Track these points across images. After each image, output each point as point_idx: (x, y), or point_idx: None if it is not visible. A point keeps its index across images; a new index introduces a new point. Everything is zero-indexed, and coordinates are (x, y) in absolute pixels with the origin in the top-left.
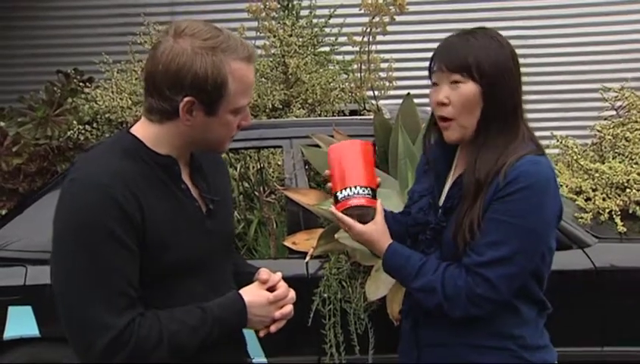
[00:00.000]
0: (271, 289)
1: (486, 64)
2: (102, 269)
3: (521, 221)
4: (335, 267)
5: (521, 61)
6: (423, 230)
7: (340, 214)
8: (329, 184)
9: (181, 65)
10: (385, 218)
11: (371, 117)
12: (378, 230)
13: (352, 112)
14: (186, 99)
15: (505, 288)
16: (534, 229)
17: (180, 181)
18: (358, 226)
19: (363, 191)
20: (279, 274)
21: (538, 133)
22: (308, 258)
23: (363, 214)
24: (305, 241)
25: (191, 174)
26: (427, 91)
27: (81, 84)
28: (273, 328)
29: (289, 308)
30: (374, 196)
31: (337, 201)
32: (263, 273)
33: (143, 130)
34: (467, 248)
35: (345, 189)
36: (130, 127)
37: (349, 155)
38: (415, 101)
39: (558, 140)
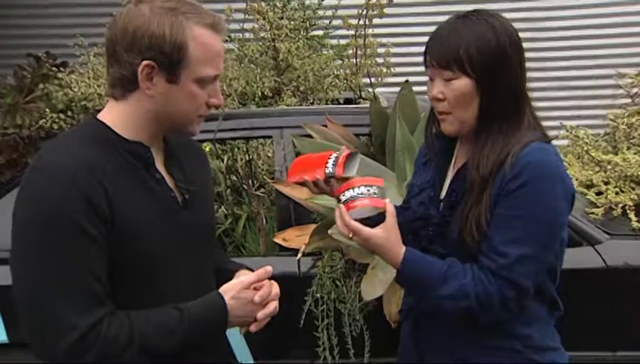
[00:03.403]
0: (256, 286)
1: (478, 56)
2: (67, 264)
3: (535, 214)
4: (329, 265)
5: (528, 45)
6: (425, 226)
7: (347, 217)
8: (306, 178)
9: (138, 26)
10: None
11: (367, 105)
12: (388, 235)
13: (347, 100)
14: (144, 63)
15: (532, 287)
16: (549, 220)
17: (154, 169)
18: (365, 230)
19: (368, 190)
20: (268, 268)
21: (545, 123)
22: (299, 255)
23: (370, 214)
24: (296, 237)
25: (165, 162)
26: (427, 78)
27: (54, 69)
28: (253, 328)
29: (272, 306)
30: (381, 196)
31: (338, 204)
32: (245, 275)
33: (109, 114)
34: (481, 247)
35: (347, 190)
36: (97, 113)
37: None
38: (414, 88)
39: (568, 130)
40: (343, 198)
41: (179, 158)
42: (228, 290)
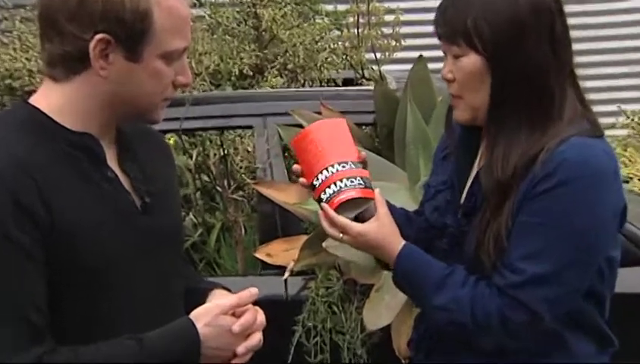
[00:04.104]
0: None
1: (489, 28)
2: None
3: (566, 224)
4: (323, 286)
5: (574, 9)
6: (439, 236)
7: (332, 212)
8: (302, 179)
9: None
10: (392, 214)
11: (371, 87)
12: (383, 228)
13: (347, 81)
14: (97, 37)
15: (548, 315)
16: (584, 233)
17: (105, 167)
18: (355, 225)
19: (352, 182)
20: (253, 291)
21: (599, 108)
22: (287, 274)
23: (359, 209)
24: (283, 252)
25: (120, 158)
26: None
27: None
28: None
29: (257, 338)
30: (368, 186)
31: (320, 204)
32: (223, 297)
33: (46, 98)
34: (497, 264)
35: (328, 186)
36: (29, 96)
37: (323, 138)
38: (431, 66)
39: (628, 117)
40: (325, 196)
41: (136, 153)
42: (201, 316)
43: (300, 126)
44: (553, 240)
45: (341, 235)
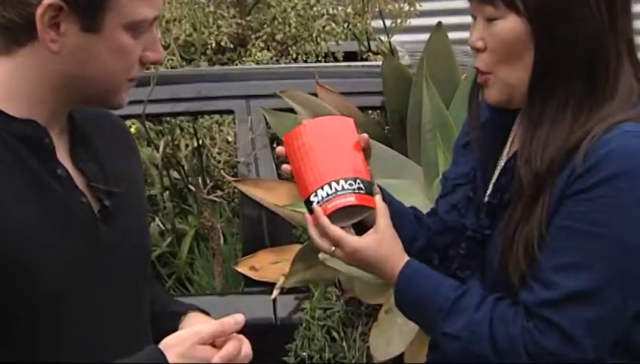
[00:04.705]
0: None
1: None
2: None
3: (611, 230)
4: (320, 307)
5: None
6: (456, 241)
7: (325, 220)
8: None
9: None
10: (400, 215)
11: (379, 63)
12: (383, 243)
13: (349, 56)
14: (46, 2)
15: (589, 340)
16: (632, 241)
17: (54, 163)
18: (351, 239)
19: (351, 185)
20: (239, 318)
21: None
22: (276, 293)
23: (355, 218)
24: (271, 265)
25: (72, 152)
26: (470, 19)
27: None
28: None
29: None
30: (369, 192)
31: (312, 210)
32: (201, 322)
33: None
34: (527, 276)
35: (322, 188)
36: None
37: (321, 138)
38: (452, 35)
39: None
40: (316, 199)
41: (93, 145)
42: (173, 345)
43: (291, 110)
44: (595, 249)
45: (333, 248)
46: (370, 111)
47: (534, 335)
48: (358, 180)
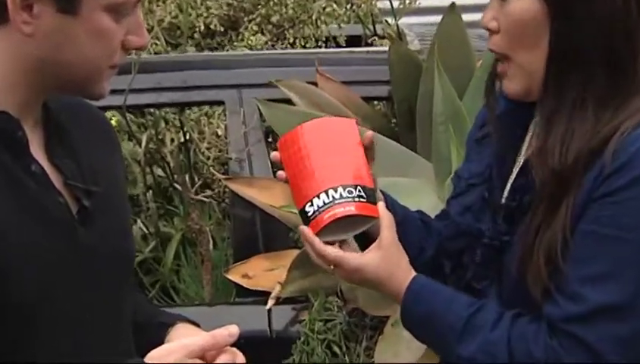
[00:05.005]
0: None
1: None
2: None
3: None
4: (320, 319)
5: None
6: (471, 247)
7: (317, 243)
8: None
9: None
10: (405, 220)
11: (386, 48)
12: (387, 259)
13: (352, 40)
14: None
15: (615, 357)
16: None
17: (28, 158)
18: (351, 258)
19: (350, 193)
20: (233, 330)
21: None
22: (271, 303)
23: (356, 230)
24: (265, 272)
25: (48, 146)
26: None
27: None
28: None
29: None
30: (371, 200)
31: (307, 220)
32: (192, 334)
33: None
34: (549, 288)
35: (318, 196)
36: None
37: (319, 141)
38: (466, 17)
39: None
40: (311, 209)
41: (70, 139)
42: (159, 358)
43: (288, 101)
44: (624, 257)
45: (332, 267)
46: (375, 102)
47: (559, 353)
48: (359, 188)
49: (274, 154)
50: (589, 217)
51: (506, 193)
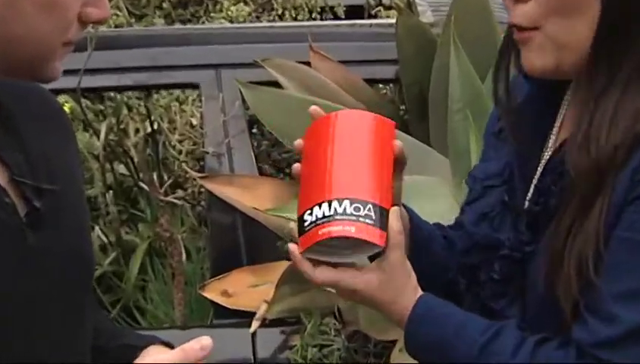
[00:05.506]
0: None
1: None
2: None
3: None
4: (315, 344)
5: None
6: (488, 262)
7: (306, 268)
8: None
9: None
10: (419, 235)
11: (393, 21)
12: (390, 283)
13: (353, 11)
14: None
15: None
16: None
17: None
18: (347, 277)
19: (357, 210)
20: (205, 341)
21: None
22: (255, 325)
23: (355, 254)
24: (248, 289)
25: None
26: None
27: None
28: None
29: None
30: (380, 224)
31: (302, 230)
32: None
33: None
34: (580, 306)
35: (319, 205)
36: None
37: (348, 137)
38: None
39: None
40: (309, 219)
41: (17, 128)
42: None
43: (276, 84)
44: None
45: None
46: (381, 85)
47: None
48: (369, 206)
49: (298, 142)
50: (626, 221)
51: (529, 196)
